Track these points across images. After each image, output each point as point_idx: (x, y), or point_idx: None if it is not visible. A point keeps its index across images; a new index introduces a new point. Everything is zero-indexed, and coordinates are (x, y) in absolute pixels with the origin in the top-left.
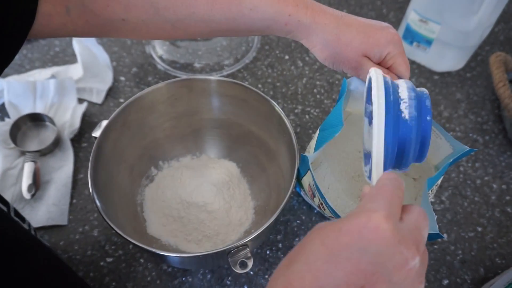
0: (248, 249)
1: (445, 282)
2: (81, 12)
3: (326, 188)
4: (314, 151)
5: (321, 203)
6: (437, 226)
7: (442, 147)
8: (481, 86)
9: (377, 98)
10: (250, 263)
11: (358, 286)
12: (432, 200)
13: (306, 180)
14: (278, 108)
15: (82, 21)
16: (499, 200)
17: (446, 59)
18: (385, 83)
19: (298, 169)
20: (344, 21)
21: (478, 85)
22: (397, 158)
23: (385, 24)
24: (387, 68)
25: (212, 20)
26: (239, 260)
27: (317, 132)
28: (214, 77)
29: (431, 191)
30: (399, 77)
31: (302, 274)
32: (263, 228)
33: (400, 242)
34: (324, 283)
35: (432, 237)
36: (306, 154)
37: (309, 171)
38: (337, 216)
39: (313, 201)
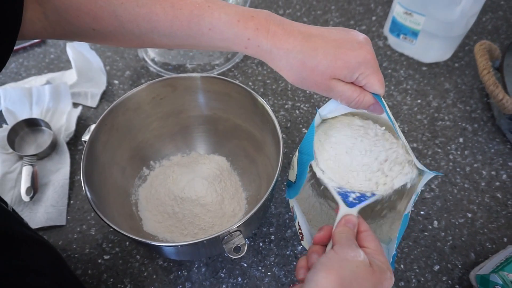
0: (241, 234)
1: (436, 267)
2: (57, 19)
3: (308, 208)
4: (295, 180)
5: (301, 232)
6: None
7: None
8: (469, 76)
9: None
10: (244, 248)
11: None
12: (422, 188)
13: (291, 203)
14: (260, 99)
15: (59, 27)
16: (488, 186)
17: (433, 50)
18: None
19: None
20: (310, 44)
21: (466, 75)
22: None
23: (359, 40)
24: (360, 87)
25: (174, 36)
26: (234, 246)
27: (297, 153)
28: (195, 74)
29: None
30: (374, 95)
31: None
32: (254, 211)
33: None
34: None
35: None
36: (290, 178)
37: (293, 209)
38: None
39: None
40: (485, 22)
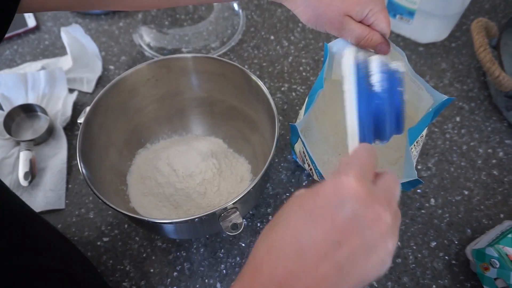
0: (238, 212)
1: (433, 244)
2: None
3: (318, 154)
4: (303, 117)
5: (311, 168)
6: (416, 173)
7: (424, 99)
8: (466, 55)
9: (348, 74)
10: (241, 225)
11: (335, 241)
12: (419, 167)
13: (297, 147)
14: (254, 77)
15: None
16: (485, 164)
17: (430, 29)
18: (356, 58)
19: (290, 137)
20: None
21: (463, 54)
22: (374, 130)
23: None
24: (369, 26)
25: None
26: (231, 223)
27: (306, 100)
28: (189, 54)
29: (416, 143)
30: (381, 34)
31: (282, 235)
32: (251, 187)
33: (372, 199)
34: (304, 241)
35: (412, 184)
36: (297, 122)
37: (299, 139)
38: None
39: (304, 166)
40: (483, 1)
